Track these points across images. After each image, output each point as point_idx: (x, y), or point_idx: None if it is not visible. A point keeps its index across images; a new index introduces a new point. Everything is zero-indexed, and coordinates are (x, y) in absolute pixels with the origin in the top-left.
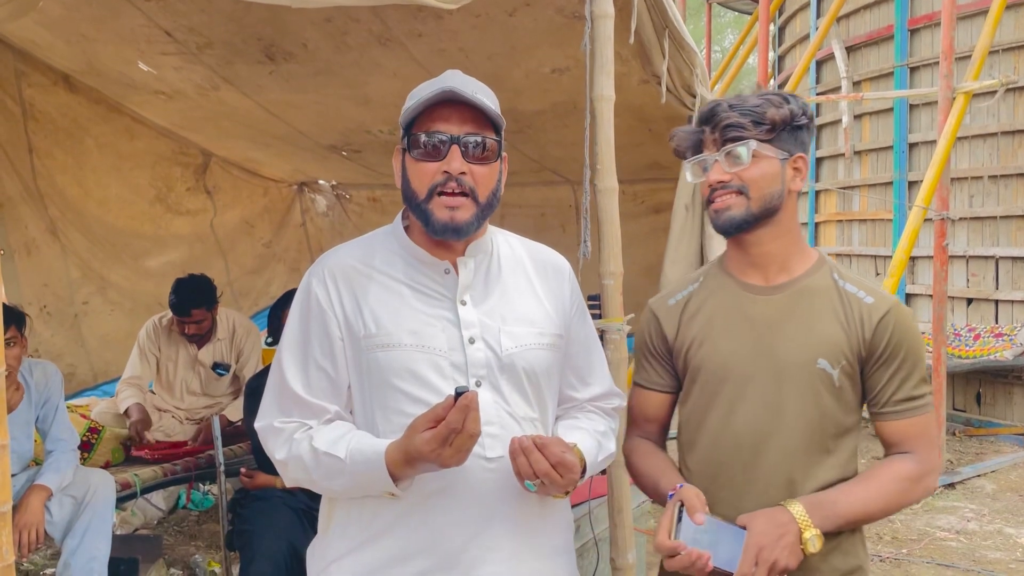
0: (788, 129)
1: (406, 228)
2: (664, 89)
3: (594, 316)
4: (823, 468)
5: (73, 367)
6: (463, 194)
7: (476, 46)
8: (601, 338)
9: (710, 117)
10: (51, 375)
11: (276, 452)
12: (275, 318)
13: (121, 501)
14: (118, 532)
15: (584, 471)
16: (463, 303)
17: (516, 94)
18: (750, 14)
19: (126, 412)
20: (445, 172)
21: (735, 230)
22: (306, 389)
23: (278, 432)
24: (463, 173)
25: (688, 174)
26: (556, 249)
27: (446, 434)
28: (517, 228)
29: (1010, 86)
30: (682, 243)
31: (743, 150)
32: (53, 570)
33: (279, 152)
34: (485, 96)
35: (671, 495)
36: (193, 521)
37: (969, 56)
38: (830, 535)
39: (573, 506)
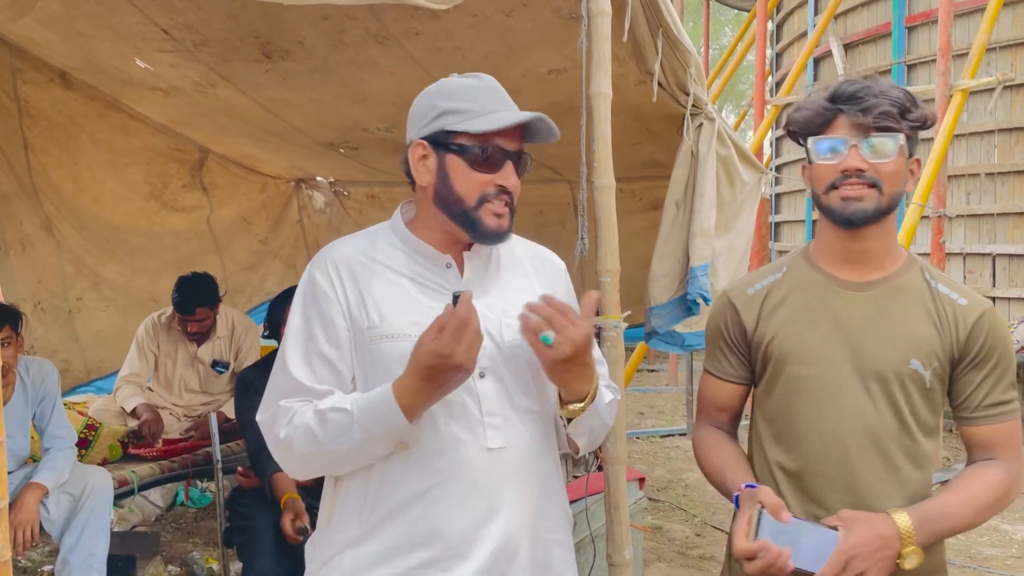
0: (920, 129)
1: (407, 223)
2: (656, 86)
3: None
4: (910, 469)
5: (67, 363)
6: (506, 204)
7: (473, 45)
8: (598, 335)
9: (855, 98)
10: (48, 372)
11: (280, 431)
12: (275, 313)
13: (119, 498)
14: (116, 529)
15: (595, 392)
16: None
17: (514, 94)
18: (748, 11)
19: (133, 412)
20: (499, 185)
21: (862, 223)
22: (311, 378)
23: (284, 411)
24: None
25: (812, 154)
26: (555, 246)
27: (456, 325)
28: (516, 225)
29: (1007, 84)
30: (670, 239)
31: (892, 143)
32: (51, 567)
33: (276, 149)
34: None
35: (737, 496)
36: (191, 518)
37: (966, 53)
38: None
39: (570, 503)
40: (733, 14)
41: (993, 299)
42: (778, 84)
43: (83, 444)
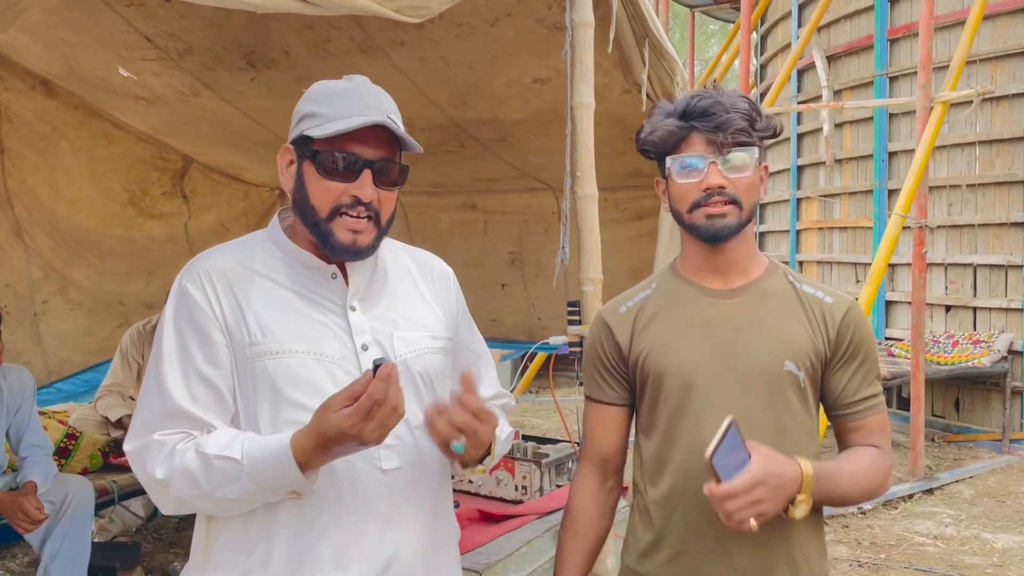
0: (770, 138)
1: (285, 230)
2: (644, 97)
3: (574, 322)
4: None
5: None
6: (368, 218)
7: (458, 55)
8: (579, 344)
9: (708, 115)
10: (25, 381)
11: (156, 470)
12: None
13: (99, 508)
14: (96, 540)
15: (491, 446)
16: (353, 309)
17: (498, 103)
18: (733, 23)
19: (119, 423)
20: (354, 196)
21: (727, 238)
22: (190, 401)
23: (159, 446)
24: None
25: (672, 172)
26: (539, 255)
27: (368, 406)
28: (501, 234)
29: (987, 96)
30: (672, 247)
31: (748, 158)
32: None
33: (261, 157)
34: (398, 117)
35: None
36: (172, 528)
37: (947, 66)
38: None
39: (553, 512)
40: (719, 26)
41: (974, 309)
42: (762, 95)
43: (63, 453)
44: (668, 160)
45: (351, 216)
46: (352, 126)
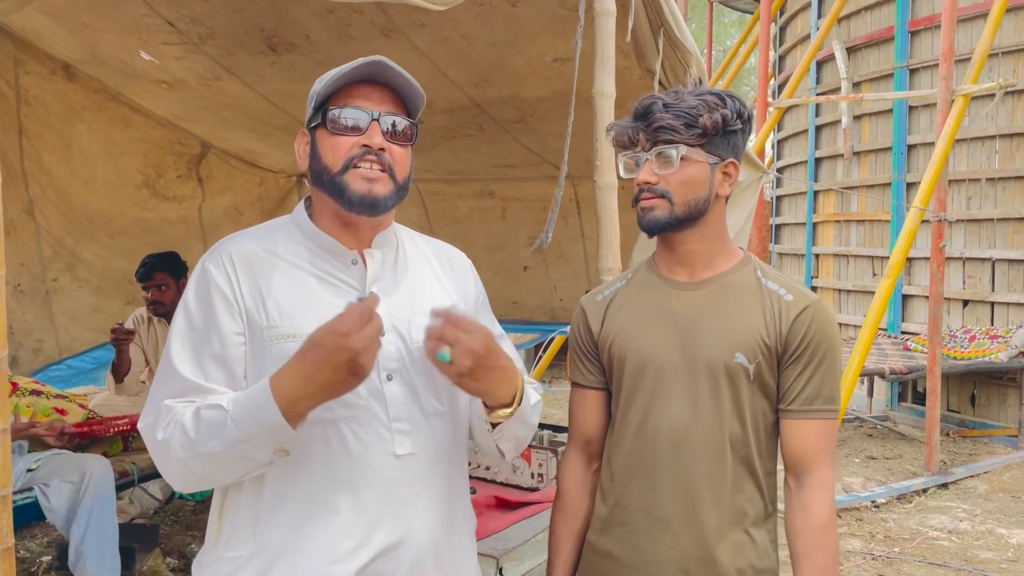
0: (721, 134)
1: (309, 216)
2: (657, 86)
3: None
4: (749, 464)
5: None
6: (381, 170)
7: (479, 34)
8: None
9: (644, 115)
10: None
11: (157, 432)
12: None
13: (119, 489)
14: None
15: (521, 393)
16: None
17: (518, 81)
18: (751, 14)
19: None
20: (364, 146)
21: (659, 231)
22: (202, 377)
23: (167, 411)
24: (382, 149)
25: (620, 169)
26: (561, 238)
27: (361, 312)
28: (519, 221)
29: (1009, 89)
30: None
31: (673, 153)
32: (48, 558)
33: (279, 143)
34: (414, 90)
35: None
36: (189, 511)
37: (969, 59)
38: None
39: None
40: (737, 16)
41: (992, 304)
42: (781, 87)
43: (84, 437)
44: (616, 158)
45: (364, 166)
46: (347, 69)
